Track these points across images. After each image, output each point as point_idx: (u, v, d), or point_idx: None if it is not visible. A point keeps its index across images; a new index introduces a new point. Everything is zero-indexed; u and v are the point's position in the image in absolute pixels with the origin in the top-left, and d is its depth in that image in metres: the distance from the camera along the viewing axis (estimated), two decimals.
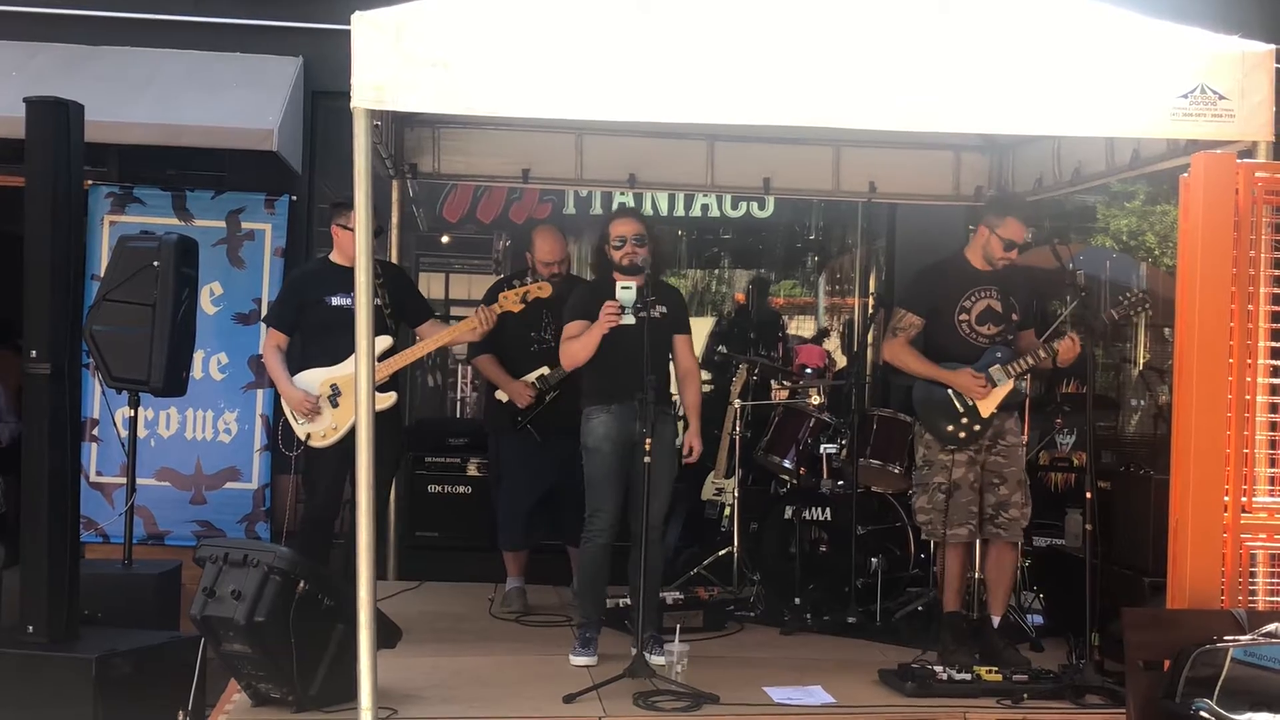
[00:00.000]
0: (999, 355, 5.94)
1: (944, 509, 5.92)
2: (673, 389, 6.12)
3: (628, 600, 6.11)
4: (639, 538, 5.76)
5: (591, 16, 4.83)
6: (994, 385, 5.89)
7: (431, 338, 6.53)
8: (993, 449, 5.97)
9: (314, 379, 6.30)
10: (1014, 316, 6.04)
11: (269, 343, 6.44)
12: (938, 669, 5.49)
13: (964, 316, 6.01)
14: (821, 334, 10.89)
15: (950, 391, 5.94)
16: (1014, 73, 4.95)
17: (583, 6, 4.87)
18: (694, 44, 4.83)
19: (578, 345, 5.88)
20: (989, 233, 5.99)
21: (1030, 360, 5.91)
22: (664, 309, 5.91)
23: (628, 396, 5.71)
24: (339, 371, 6.20)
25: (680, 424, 6.23)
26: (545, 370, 6.81)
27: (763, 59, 4.84)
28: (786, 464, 7.27)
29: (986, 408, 5.91)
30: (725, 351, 8.61)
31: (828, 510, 7.05)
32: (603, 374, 5.88)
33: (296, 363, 6.38)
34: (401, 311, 6.50)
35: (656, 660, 5.54)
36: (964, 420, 5.92)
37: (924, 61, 4.91)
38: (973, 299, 6.02)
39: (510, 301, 6.40)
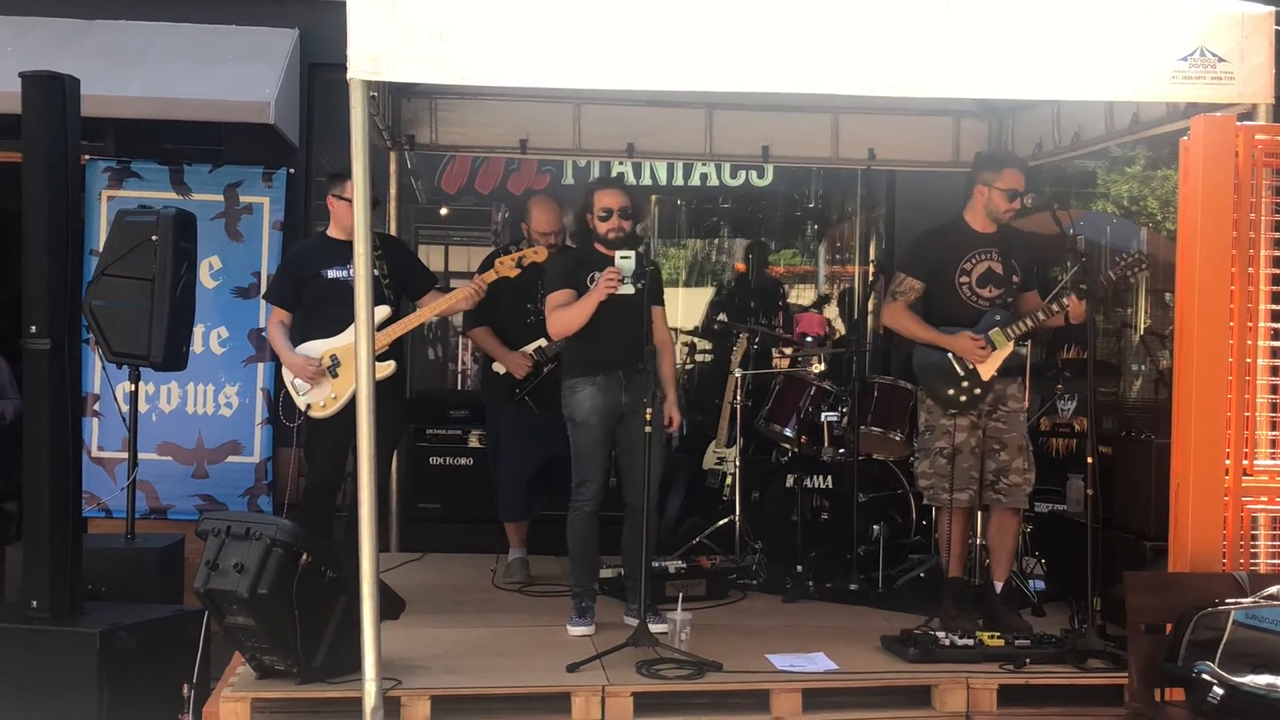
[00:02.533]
0: (998, 318, 5.92)
1: (946, 474, 5.92)
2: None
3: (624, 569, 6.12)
4: (633, 508, 5.77)
5: None
6: (993, 348, 5.88)
7: (426, 307, 6.51)
8: (993, 414, 5.97)
9: (313, 350, 6.30)
10: (1015, 279, 6.02)
11: (272, 319, 6.48)
12: (940, 635, 5.51)
13: (964, 279, 5.98)
14: (821, 301, 10.87)
15: (950, 355, 5.93)
16: (1012, 37, 4.92)
17: None
18: (692, 11, 4.80)
19: (572, 314, 5.78)
20: (988, 190, 5.95)
21: (1030, 323, 5.88)
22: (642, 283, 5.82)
23: (613, 368, 5.70)
24: (338, 342, 6.20)
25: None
26: (542, 342, 6.79)
27: (761, 26, 4.81)
28: (788, 432, 7.27)
29: (986, 371, 5.89)
30: (725, 320, 8.59)
31: (829, 478, 7.05)
32: (590, 345, 5.81)
33: (296, 337, 6.38)
34: (402, 284, 6.48)
35: (659, 629, 5.54)
36: (964, 384, 5.91)
37: (922, 27, 4.88)
38: (973, 261, 5.99)
39: (507, 266, 6.37)
